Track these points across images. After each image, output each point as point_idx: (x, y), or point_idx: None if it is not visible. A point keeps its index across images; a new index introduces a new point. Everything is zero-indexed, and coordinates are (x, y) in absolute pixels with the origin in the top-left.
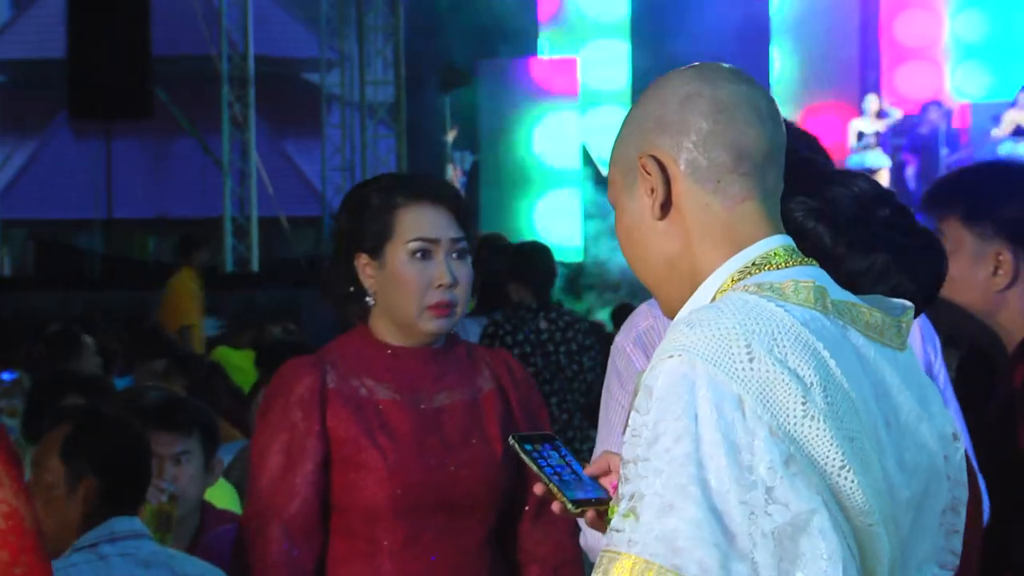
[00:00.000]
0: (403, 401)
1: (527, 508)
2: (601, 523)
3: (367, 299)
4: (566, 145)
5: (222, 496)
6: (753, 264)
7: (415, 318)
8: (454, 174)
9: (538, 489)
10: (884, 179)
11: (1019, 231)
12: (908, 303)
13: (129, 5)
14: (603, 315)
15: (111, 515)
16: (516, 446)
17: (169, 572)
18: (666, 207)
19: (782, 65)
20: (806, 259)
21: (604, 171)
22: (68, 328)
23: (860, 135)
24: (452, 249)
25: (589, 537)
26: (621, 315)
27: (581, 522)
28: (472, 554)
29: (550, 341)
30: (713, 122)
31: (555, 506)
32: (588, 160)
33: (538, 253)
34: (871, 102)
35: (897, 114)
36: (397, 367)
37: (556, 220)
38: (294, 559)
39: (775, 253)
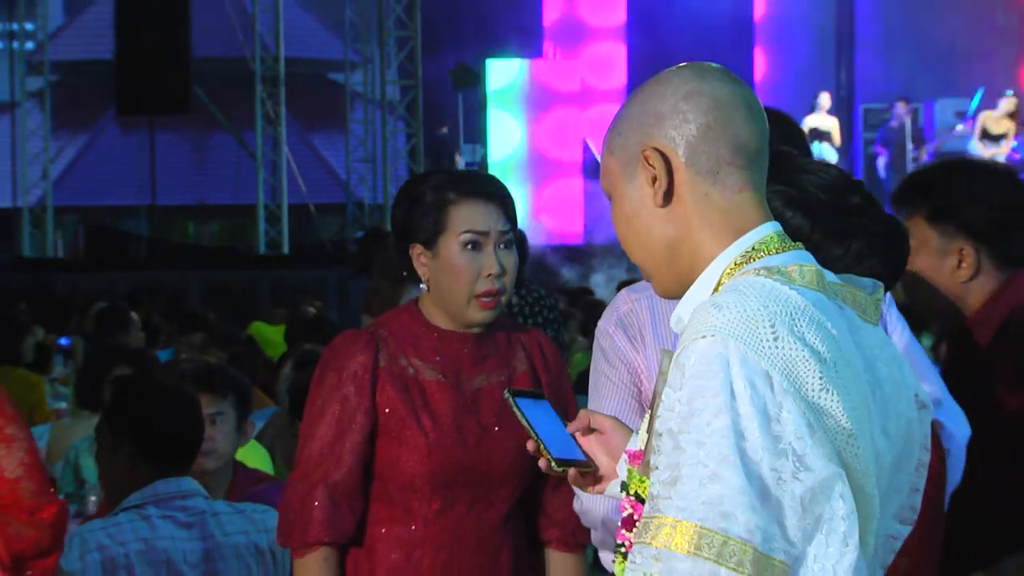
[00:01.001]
0: (446, 383)
1: (549, 479)
2: (582, 481)
3: (421, 285)
4: (568, 139)
5: (254, 457)
6: (752, 249)
7: (465, 306)
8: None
9: (530, 446)
10: None
11: (980, 229)
12: (878, 281)
13: (171, 11)
14: (594, 289)
15: (157, 477)
16: (510, 399)
17: (203, 533)
18: (668, 196)
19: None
20: (795, 244)
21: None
22: (116, 305)
23: (812, 130)
24: (500, 240)
25: (585, 501)
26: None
27: (576, 489)
28: (498, 525)
29: (519, 315)
30: (713, 119)
31: (541, 463)
32: (589, 154)
33: None
34: (823, 99)
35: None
36: (443, 349)
37: (559, 207)
38: (337, 520)
39: (770, 239)
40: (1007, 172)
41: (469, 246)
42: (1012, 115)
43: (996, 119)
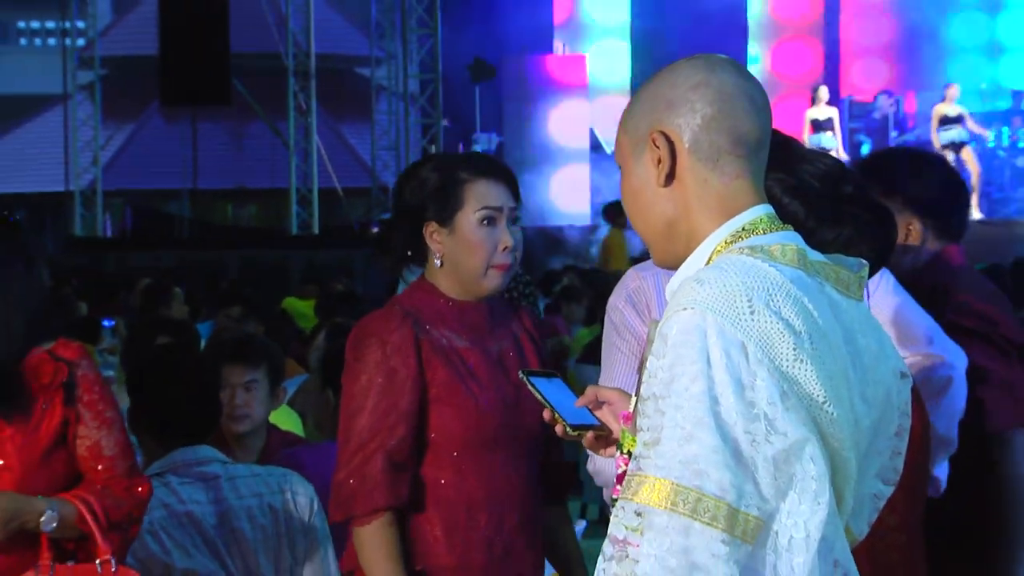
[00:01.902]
0: (476, 349)
1: (551, 439)
2: (597, 444)
3: (436, 261)
4: (577, 128)
5: (287, 420)
6: (743, 229)
7: (481, 276)
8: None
9: (546, 415)
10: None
11: (926, 204)
12: (863, 260)
13: (211, 10)
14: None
15: (175, 447)
16: (525, 379)
17: (218, 496)
18: (670, 177)
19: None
20: (784, 225)
21: (609, 150)
22: (162, 280)
23: (814, 121)
24: (510, 216)
25: (598, 462)
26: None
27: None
28: (532, 479)
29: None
30: (717, 110)
31: (558, 429)
32: (595, 141)
33: None
34: (822, 92)
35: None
36: (464, 318)
37: (568, 191)
38: (398, 486)
39: (760, 220)
40: (940, 158)
41: (485, 222)
42: (959, 100)
43: (947, 106)
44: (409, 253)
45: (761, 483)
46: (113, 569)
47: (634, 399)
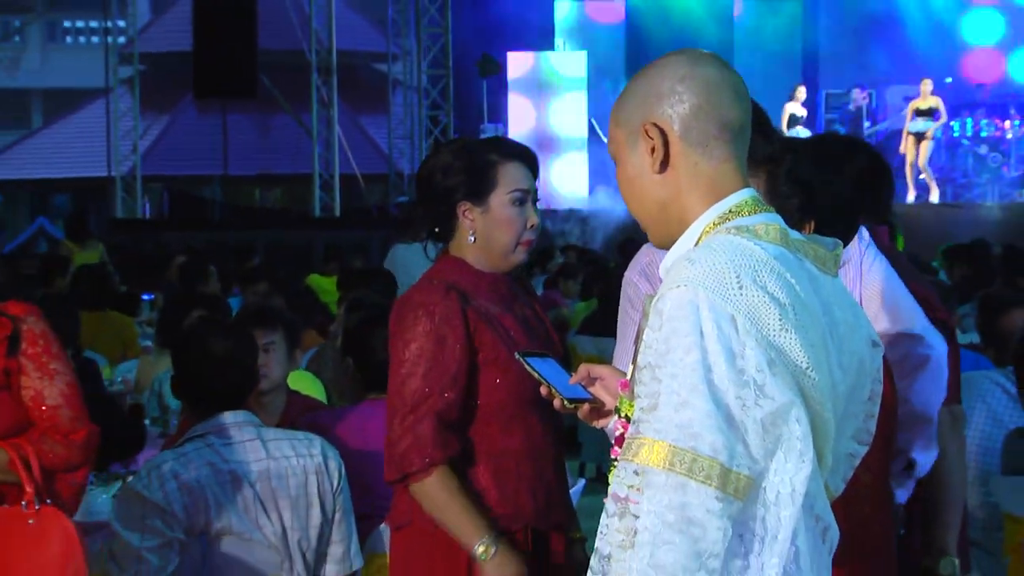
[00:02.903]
0: (511, 316)
1: None
2: (591, 416)
3: (469, 237)
4: (576, 119)
5: (310, 386)
6: (730, 211)
7: (511, 252)
8: None
9: (543, 391)
10: None
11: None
12: (838, 240)
13: (241, 10)
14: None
15: (211, 414)
16: (521, 359)
17: (258, 456)
18: (664, 164)
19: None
20: (767, 207)
21: (605, 139)
22: (197, 259)
23: (791, 116)
24: (534, 198)
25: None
26: (626, 248)
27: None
28: (560, 437)
29: None
30: (704, 99)
31: (555, 403)
32: (593, 131)
33: None
34: (800, 92)
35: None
36: (495, 289)
37: (568, 177)
38: (450, 442)
39: (745, 202)
40: (865, 143)
41: (517, 202)
42: (932, 93)
43: (922, 100)
44: (436, 230)
45: (751, 444)
46: (36, 508)
47: (631, 367)
